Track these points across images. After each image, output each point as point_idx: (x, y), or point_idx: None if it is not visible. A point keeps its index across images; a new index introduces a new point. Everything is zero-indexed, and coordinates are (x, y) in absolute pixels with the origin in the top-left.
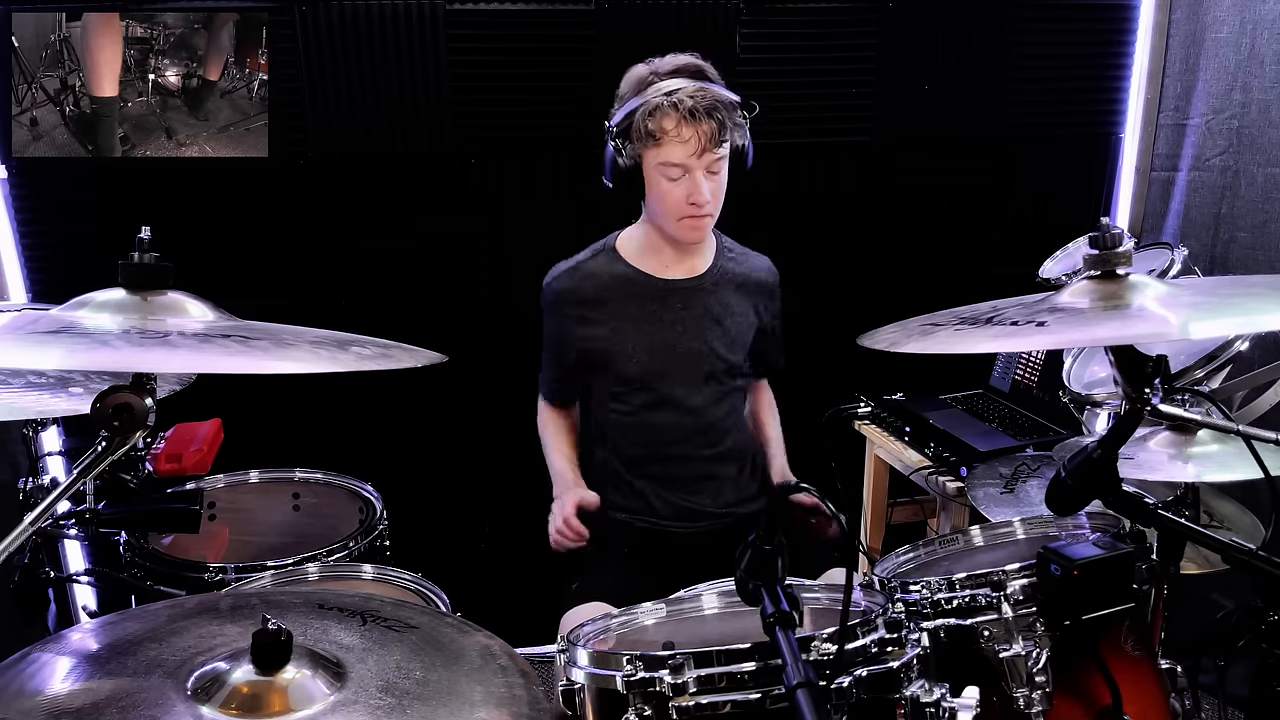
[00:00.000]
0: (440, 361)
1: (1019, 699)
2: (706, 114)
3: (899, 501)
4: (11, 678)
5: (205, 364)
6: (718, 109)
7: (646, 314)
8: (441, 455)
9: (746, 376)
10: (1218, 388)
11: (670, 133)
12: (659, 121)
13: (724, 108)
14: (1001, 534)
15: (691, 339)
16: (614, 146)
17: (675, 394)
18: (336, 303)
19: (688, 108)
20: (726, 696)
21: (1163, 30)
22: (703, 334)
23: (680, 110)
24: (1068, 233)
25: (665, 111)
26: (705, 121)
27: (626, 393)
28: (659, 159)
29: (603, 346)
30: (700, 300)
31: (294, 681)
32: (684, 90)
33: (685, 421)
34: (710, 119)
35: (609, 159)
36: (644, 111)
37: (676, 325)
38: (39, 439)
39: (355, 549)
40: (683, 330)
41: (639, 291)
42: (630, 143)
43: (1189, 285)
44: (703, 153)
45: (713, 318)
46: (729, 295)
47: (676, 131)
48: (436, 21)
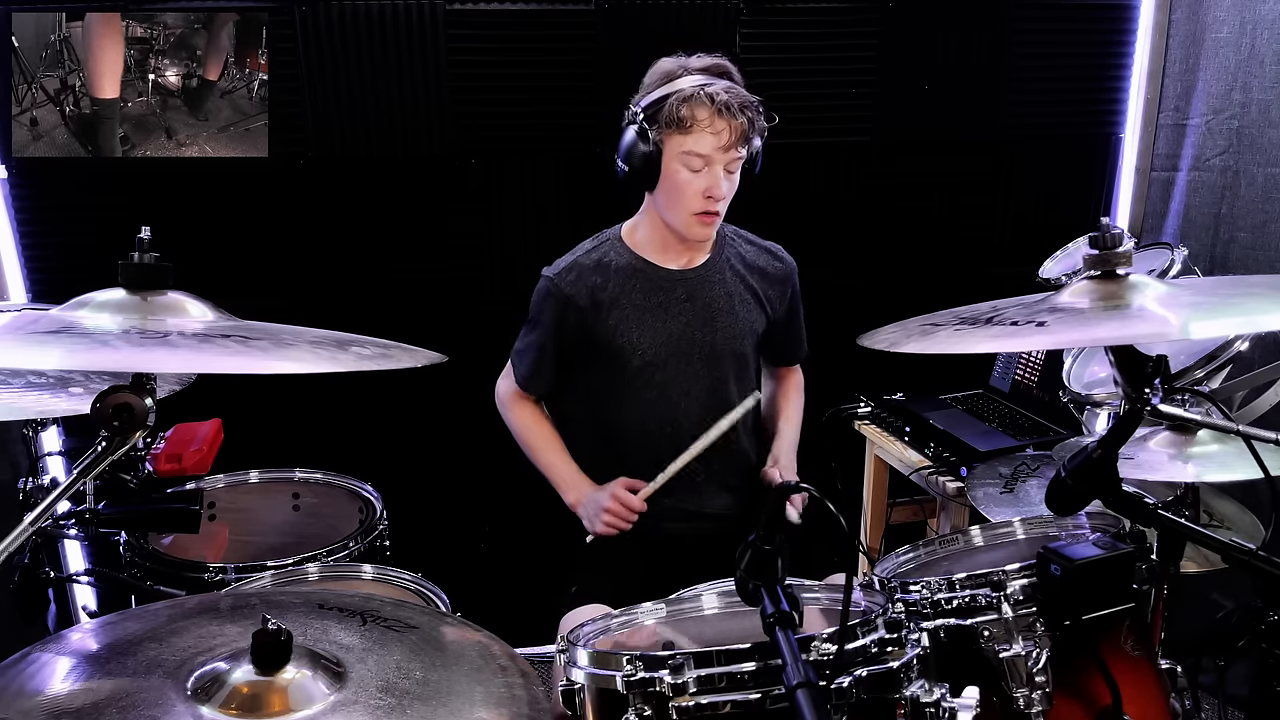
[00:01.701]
0: (440, 361)
1: (1019, 699)
2: (740, 110)
3: (899, 501)
4: (11, 678)
5: (205, 364)
6: (749, 107)
7: (653, 304)
8: (441, 455)
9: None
10: (1218, 388)
11: (702, 122)
12: (693, 110)
13: (754, 108)
14: (1001, 534)
15: (696, 329)
16: (638, 130)
17: (680, 386)
18: (336, 303)
19: (723, 101)
20: (726, 696)
21: (1163, 30)
22: (709, 323)
23: (715, 103)
24: (1068, 233)
25: (700, 101)
26: (738, 117)
27: (631, 385)
28: (684, 148)
29: (608, 338)
30: (705, 290)
31: (294, 681)
32: (718, 84)
33: (690, 415)
34: (742, 115)
35: (628, 143)
36: (678, 98)
37: (681, 316)
38: (39, 439)
39: (355, 549)
40: (687, 321)
41: (645, 281)
42: (658, 128)
43: (1189, 285)
44: (729, 148)
45: (719, 307)
46: (734, 285)
47: (709, 122)
48: (436, 21)
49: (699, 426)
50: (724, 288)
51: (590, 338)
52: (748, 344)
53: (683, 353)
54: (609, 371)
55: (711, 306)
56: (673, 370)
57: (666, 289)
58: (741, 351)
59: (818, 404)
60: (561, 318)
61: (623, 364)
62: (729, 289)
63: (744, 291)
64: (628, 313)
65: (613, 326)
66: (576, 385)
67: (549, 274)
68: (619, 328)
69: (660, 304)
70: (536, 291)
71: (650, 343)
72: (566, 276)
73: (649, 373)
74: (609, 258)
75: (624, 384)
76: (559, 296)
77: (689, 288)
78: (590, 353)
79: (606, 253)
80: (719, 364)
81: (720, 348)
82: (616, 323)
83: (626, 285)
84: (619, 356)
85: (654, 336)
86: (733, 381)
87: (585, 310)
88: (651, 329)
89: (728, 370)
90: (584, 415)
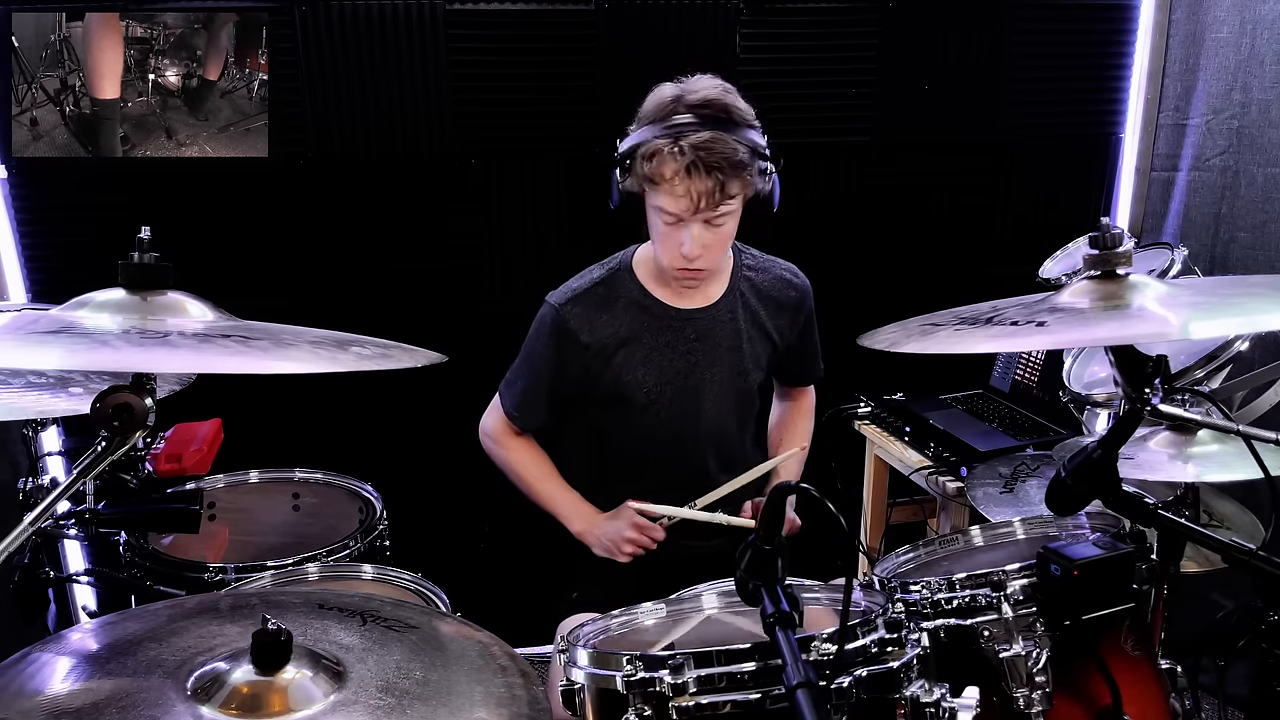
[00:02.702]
0: (440, 361)
1: (1019, 699)
2: (707, 171)
3: (899, 501)
4: (11, 678)
5: (205, 364)
6: (722, 168)
7: (660, 344)
8: (441, 455)
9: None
10: (1218, 388)
11: (670, 181)
12: (657, 167)
13: (729, 166)
14: (1001, 534)
15: (705, 368)
16: (620, 171)
17: (685, 422)
18: (336, 303)
19: (690, 160)
20: (726, 696)
21: (1163, 30)
22: (717, 362)
23: (680, 161)
24: (1068, 233)
25: (666, 158)
26: (703, 179)
27: (634, 421)
28: (656, 201)
29: (613, 376)
30: (715, 330)
31: (294, 681)
32: (694, 138)
33: (698, 452)
34: (710, 177)
35: (615, 181)
36: (645, 151)
37: (690, 355)
38: (39, 439)
39: (355, 549)
40: (696, 360)
41: (654, 321)
42: (633, 176)
43: (1189, 285)
44: (697, 209)
45: (728, 346)
46: (745, 322)
47: (676, 181)
48: (436, 21)
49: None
50: (734, 326)
51: (593, 375)
52: (756, 379)
53: (690, 388)
54: (612, 407)
55: (721, 346)
56: (679, 406)
57: (676, 329)
58: (748, 386)
59: (818, 404)
60: (562, 352)
61: (627, 400)
62: (739, 327)
63: (753, 329)
64: (634, 350)
65: (619, 364)
66: (575, 420)
67: (553, 302)
68: (625, 365)
69: (668, 343)
70: (538, 319)
71: (656, 380)
72: (572, 310)
73: (654, 409)
74: (617, 292)
75: (627, 419)
76: (562, 330)
77: (699, 328)
78: (592, 389)
79: (615, 286)
80: (725, 398)
81: (727, 385)
82: (623, 360)
83: (635, 324)
84: (623, 393)
85: (660, 375)
86: (737, 412)
87: (589, 347)
88: (658, 368)
89: (733, 403)
90: (582, 448)
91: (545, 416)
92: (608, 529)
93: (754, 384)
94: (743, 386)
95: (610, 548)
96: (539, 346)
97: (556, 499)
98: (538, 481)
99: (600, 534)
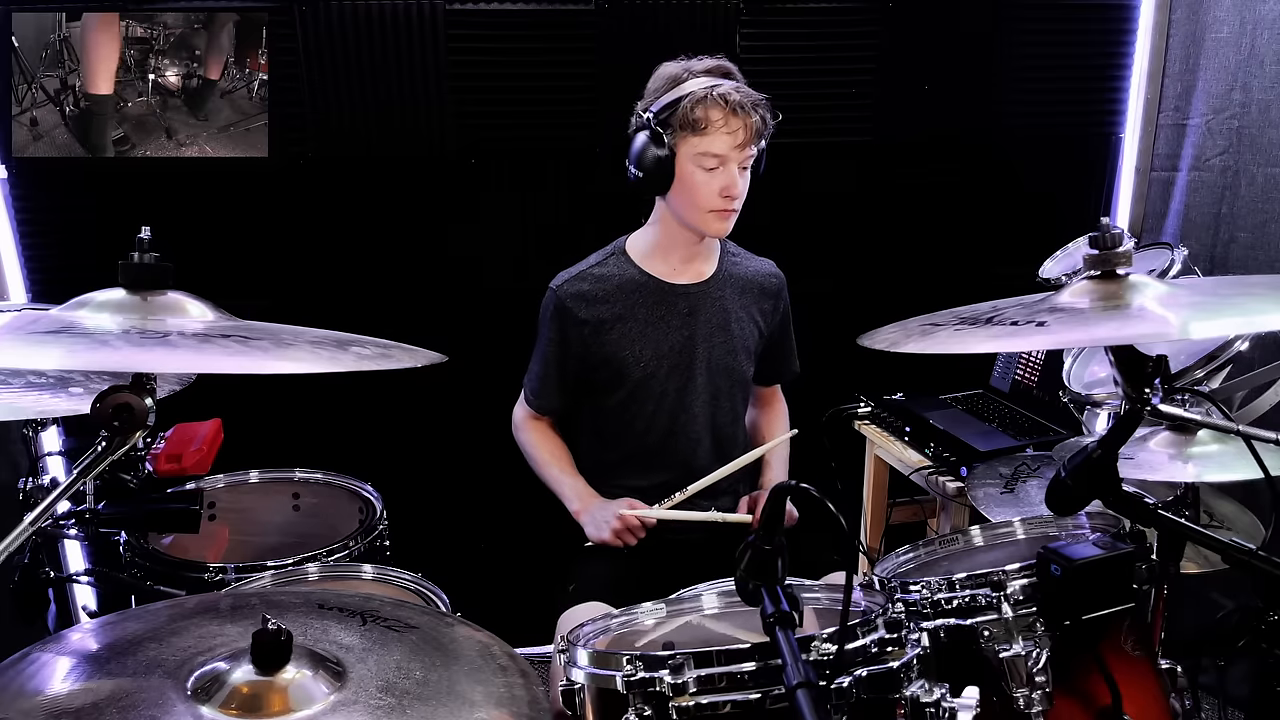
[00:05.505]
0: (440, 361)
1: (1019, 699)
2: (753, 108)
3: (899, 501)
4: (11, 678)
5: (205, 364)
6: (760, 105)
7: (655, 318)
8: (441, 455)
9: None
10: (1218, 388)
11: (716, 123)
12: (706, 111)
13: (764, 105)
14: (1001, 534)
15: (698, 343)
16: (650, 135)
17: (681, 400)
18: (336, 303)
19: (736, 101)
20: (726, 696)
21: (1163, 30)
22: (708, 339)
23: (729, 103)
24: (1068, 233)
25: (713, 102)
26: (751, 115)
27: (632, 399)
28: (699, 149)
29: (610, 351)
30: (706, 305)
31: (294, 681)
32: (727, 85)
33: (691, 428)
34: (753, 113)
35: (640, 148)
36: (691, 101)
37: (683, 330)
38: (39, 439)
39: (355, 549)
40: (689, 335)
41: (647, 295)
42: (671, 131)
43: (1189, 285)
44: (744, 146)
45: (718, 323)
46: (733, 301)
47: (724, 122)
48: (436, 21)
49: (698, 441)
50: (724, 304)
51: (593, 351)
52: (745, 361)
53: (683, 365)
54: (610, 385)
55: (712, 322)
56: (673, 383)
57: (669, 303)
58: (739, 368)
59: (818, 404)
60: (564, 332)
61: (623, 376)
62: (728, 305)
63: (740, 310)
64: (630, 325)
65: (615, 340)
66: (583, 402)
67: (554, 286)
68: (621, 340)
69: (661, 317)
70: (543, 304)
71: (651, 354)
72: (570, 290)
73: (649, 385)
74: (612, 271)
75: (625, 396)
76: (562, 310)
77: (691, 302)
78: (593, 366)
79: (610, 266)
80: (717, 379)
81: (718, 363)
82: (619, 336)
83: (629, 300)
84: (620, 369)
85: (655, 349)
86: (730, 398)
87: (587, 323)
88: (653, 341)
89: (726, 386)
90: (589, 431)
91: (557, 399)
92: (597, 514)
93: (744, 370)
94: (734, 367)
95: (595, 534)
96: (545, 330)
97: (559, 481)
98: (545, 464)
99: (590, 516)
